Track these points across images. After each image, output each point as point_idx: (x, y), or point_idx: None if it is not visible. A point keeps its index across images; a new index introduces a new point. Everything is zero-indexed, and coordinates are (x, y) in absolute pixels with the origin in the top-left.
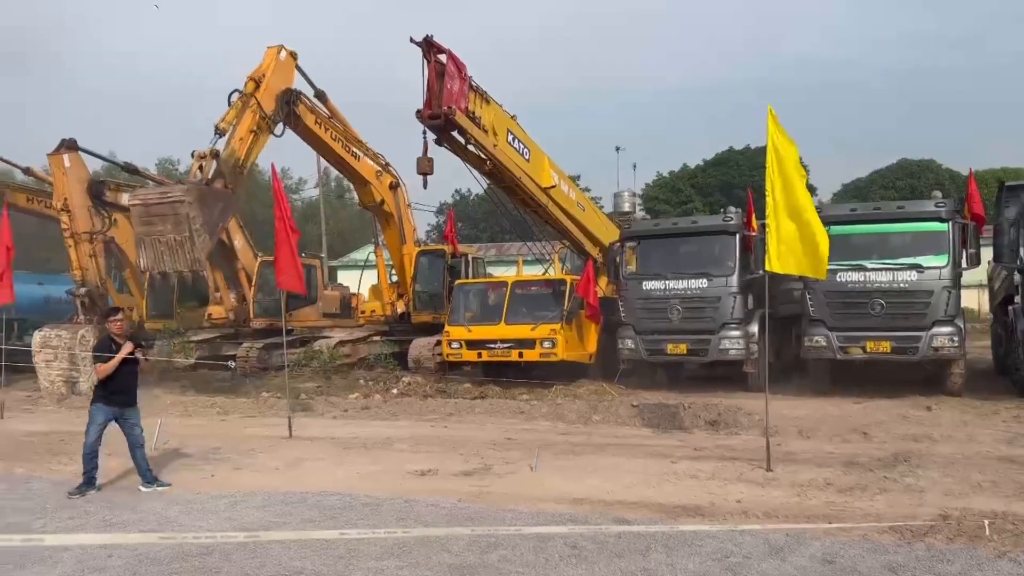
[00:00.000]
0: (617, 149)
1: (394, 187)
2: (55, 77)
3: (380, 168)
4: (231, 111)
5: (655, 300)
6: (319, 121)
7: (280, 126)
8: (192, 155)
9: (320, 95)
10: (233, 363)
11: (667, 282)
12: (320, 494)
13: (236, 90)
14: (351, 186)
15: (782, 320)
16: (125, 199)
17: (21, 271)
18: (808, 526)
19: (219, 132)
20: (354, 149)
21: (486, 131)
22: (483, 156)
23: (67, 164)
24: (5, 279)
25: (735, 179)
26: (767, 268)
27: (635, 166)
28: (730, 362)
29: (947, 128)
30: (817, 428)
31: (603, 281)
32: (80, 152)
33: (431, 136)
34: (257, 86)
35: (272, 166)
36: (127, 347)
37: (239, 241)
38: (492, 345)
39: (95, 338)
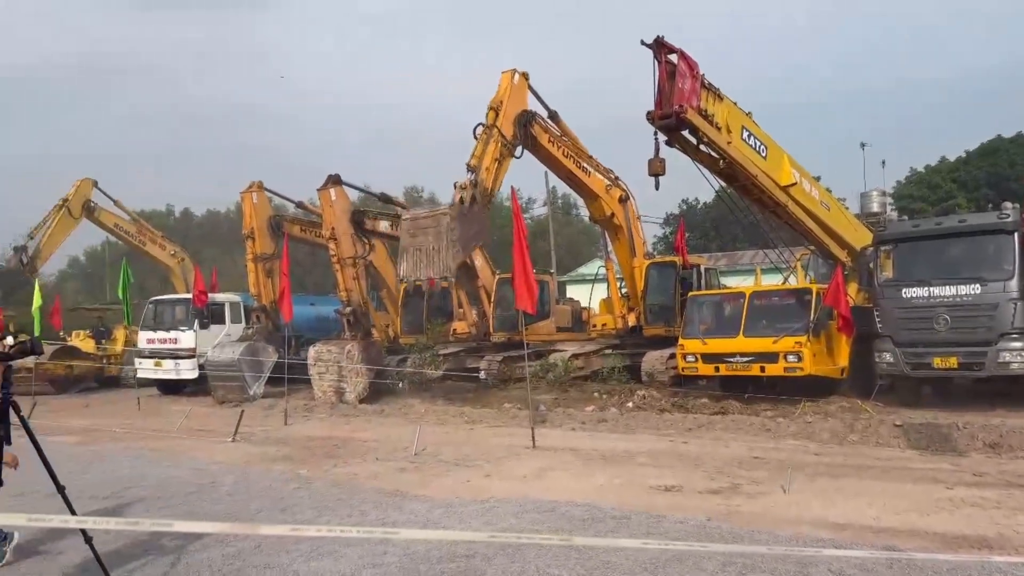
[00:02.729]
0: (862, 145)
1: (623, 200)
2: (316, 123)
3: (610, 182)
4: (478, 145)
5: (918, 309)
6: (552, 139)
7: (519, 148)
8: (454, 186)
9: (553, 115)
10: (484, 374)
11: (931, 289)
12: (568, 504)
13: (480, 124)
14: (579, 202)
15: None
16: (382, 226)
17: (296, 293)
18: None
19: (471, 169)
20: (584, 164)
21: (719, 129)
22: (716, 155)
23: (333, 197)
24: (286, 300)
25: (1006, 171)
26: None
27: (884, 163)
28: (1011, 377)
29: None
30: None
31: (853, 289)
32: (343, 186)
33: (662, 138)
34: (496, 115)
35: (512, 189)
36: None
37: (479, 260)
38: (730, 359)
39: (360, 353)
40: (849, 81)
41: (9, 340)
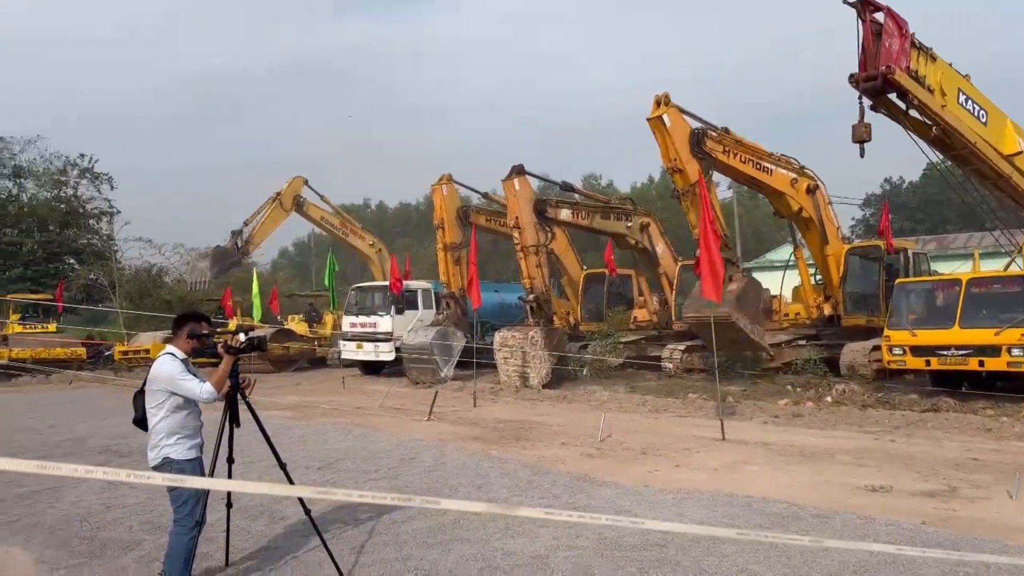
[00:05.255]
0: None
1: (812, 190)
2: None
3: (795, 174)
4: (691, 214)
5: None
6: (726, 149)
7: (711, 173)
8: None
9: (724, 131)
10: (667, 364)
11: None
12: (763, 500)
13: (674, 191)
14: None
15: None
16: (563, 215)
17: (480, 281)
18: None
19: (698, 239)
20: (764, 164)
21: (931, 91)
22: (928, 121)
23: (517, 187)
24: (475, 287)
25: None
26: None
27: None
28: None
29: None
30: None
31: None
32: (527, 175)
33: (867, 102)
34: (680, 173)
35: (700, 176)
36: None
37: (660, 247)
38: (944, 352)
39: (543, 339)
40: None
41: (241, 336)
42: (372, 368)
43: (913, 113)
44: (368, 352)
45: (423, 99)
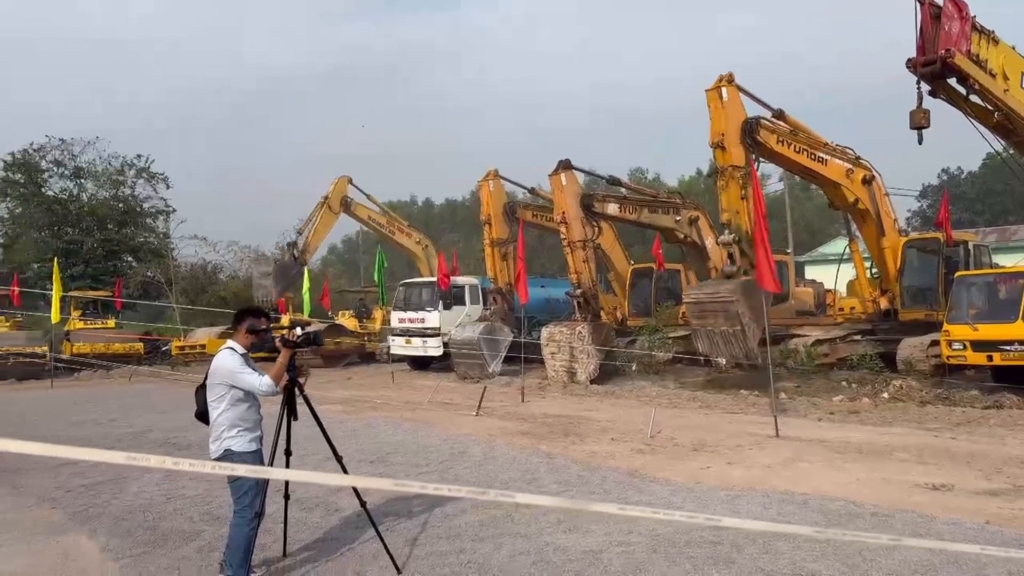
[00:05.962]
0: None
1: (868, 181)
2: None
3: (850, 164)
4: (723, 195)
5: None
6: (780, 139)
7: (757, 163)
8: (719, 243)
9: (779, 114)
10: (724, 360)
11: None
12: (820, 498)
13: (711, 172)
14: None
15: None
16: (611, 209)
17: (528, 276)
18: None
19: (728, 224)
20: (819, 154)
21: (993, 75)
22: (989, 106)
23: (564, 182)
24: (522, 283)
25: None
26: None
27: None
28: None
29: None
30: None
31: None
32: (573, 170)
33: (925, 87)
34: (723, 150)
35: (753, 168)
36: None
37: (710, 241)
38: (1006, 347)
39: (590, 334)
40: None
41: (298, 331)
42: (420, 363)
43: (974, 98)
44: (416, 347)
45: (459, 100)
